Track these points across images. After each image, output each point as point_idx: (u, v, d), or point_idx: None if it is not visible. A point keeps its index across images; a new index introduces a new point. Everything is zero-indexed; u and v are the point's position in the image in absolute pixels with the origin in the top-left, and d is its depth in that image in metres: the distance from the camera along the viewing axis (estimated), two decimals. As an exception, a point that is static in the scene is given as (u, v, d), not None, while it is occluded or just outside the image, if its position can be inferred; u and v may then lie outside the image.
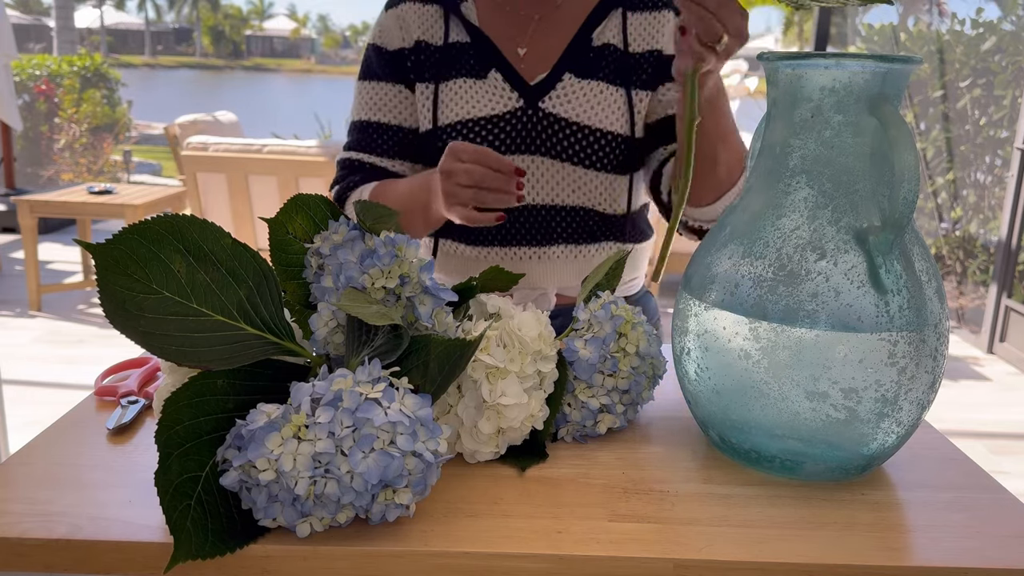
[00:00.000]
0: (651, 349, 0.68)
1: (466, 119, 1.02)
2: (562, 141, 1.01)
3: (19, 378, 2.84)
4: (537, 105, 1.01)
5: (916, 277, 0.58)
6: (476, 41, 1.04)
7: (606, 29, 1.04)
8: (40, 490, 0.56)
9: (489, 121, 1.02)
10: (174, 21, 58.24)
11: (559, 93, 1.02)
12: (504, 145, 1.01)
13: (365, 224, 0.62)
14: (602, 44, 1.04)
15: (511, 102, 1.02)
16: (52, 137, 7.05)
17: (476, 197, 0.86)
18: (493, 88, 1.02)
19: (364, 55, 1.12)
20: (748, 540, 0.53)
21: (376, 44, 1.09)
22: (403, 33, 1.06)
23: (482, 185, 0.85)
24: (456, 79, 1.03)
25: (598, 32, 1.04)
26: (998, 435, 2.74)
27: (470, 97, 1.02)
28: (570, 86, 1.02)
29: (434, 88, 1.04)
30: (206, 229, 0.55)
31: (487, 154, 0.85)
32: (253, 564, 0.51)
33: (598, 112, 1.01)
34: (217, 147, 3.70)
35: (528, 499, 0.58)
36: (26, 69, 7.15)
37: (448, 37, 1.05)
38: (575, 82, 1.02)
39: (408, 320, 0.61)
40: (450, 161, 0.87)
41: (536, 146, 1.02)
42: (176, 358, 0.54)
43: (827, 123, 0.59)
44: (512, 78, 1.03)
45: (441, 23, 1.06)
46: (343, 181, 1.08)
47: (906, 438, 0.62)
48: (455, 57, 1.04)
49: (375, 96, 1.08)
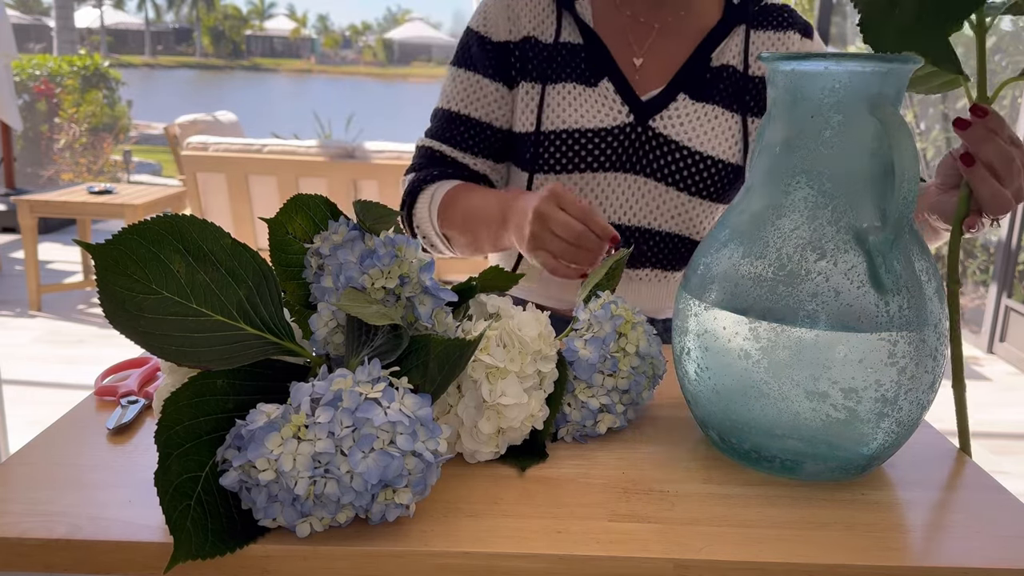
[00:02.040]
0: (651, 349, 0.68)
1: (572, 129, 0.96)
2: (669, 164, 0.96)
3: (19, 378, 2.84)
4: (647, 123, 0.96)
5: (916, 277, 0.58)
6: (589, 44, 0.98)
7: (727, 48, 0.98)
8: (40, 490, 0.56)
9: (596, 134, 0.96)
10: (174, 21, 58.24)
11: (672, 113, 0.96)
12: (608, 161, 0.96)
13: (365, 224, 0.62)
14: (721, 65, 0.98)
15: (620, 116, 0.96)
16: (52, 137, 7.05)
17: (564, 252, 0.80)
18: (603, 99, 0.96)
19: (463, 40, 1.03)
20: (748, 540, 0.53)
21: (479, 32, 1.00)
22: (511, 25, 0.99)
23: (577, 244, 0.80)
24: (565, 83, 0.97)
25: (718, 52, 0.98)
26: (998, 435, 2.74)
27: (579, 105, 0.96)
28: (684, 107, 0.96)
29: (540, 89, 0.97)
30: (206, 229, 0.55)
31: (594, 216, 0.79)
32: (253, 564, 0.51)
33: (711, 138, 0.95)
34: (217, 147, 3.70)
35: (528, 499, 0.58)
36: (26, 69, 7.15)
37: (559, 35, 0.98)
38: (689, 104, 0.96)
39: (408, 320, 0.61)
40: (551, 207, 0.80)
41: (641, 166, 0.96)
42: (176, 358, 0.54)
43: (827, 123, 0.59)
44: (624, 90, 0.96)
45: (553, 19, 0.99)
46: (420, 171, 1.02)
47: (906, 438, 0.62)
48: (566, 59, 0.98)
49: (469, 88, 1.00)
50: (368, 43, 66.03)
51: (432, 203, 0.98)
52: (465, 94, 1.01)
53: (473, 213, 0.93)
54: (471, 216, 0.93)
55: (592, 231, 0.79)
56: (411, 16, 71.93)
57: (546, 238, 0.80)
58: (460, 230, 0.97)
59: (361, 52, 64.91)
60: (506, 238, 0.88)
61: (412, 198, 1.01)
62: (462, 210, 0.94)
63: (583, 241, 0.79)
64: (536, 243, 0.82)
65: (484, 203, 0.93)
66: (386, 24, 75.39)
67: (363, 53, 64.63)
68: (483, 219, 0.92)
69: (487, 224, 0.91)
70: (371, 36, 68.19)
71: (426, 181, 1.00)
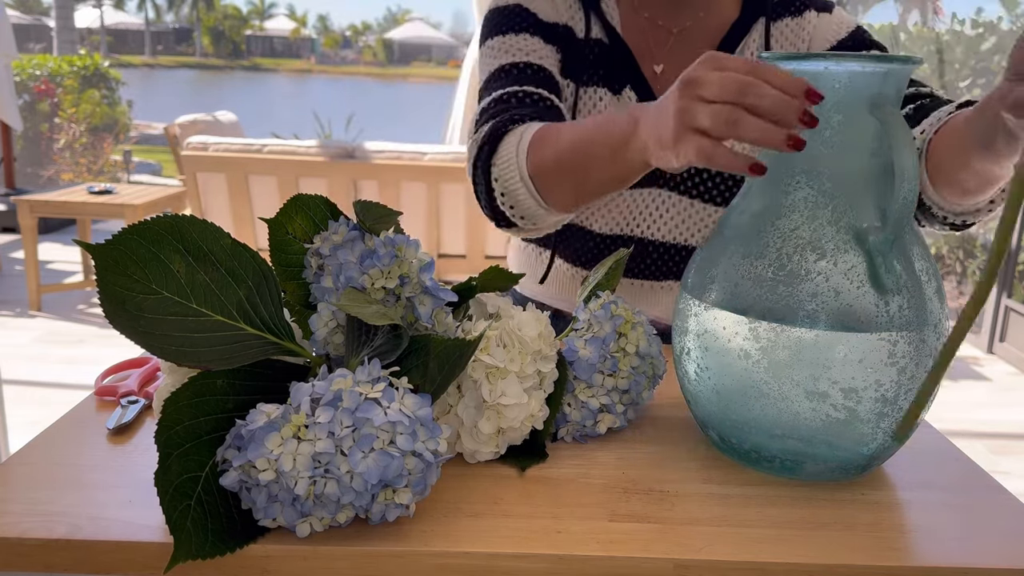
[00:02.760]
0: (651, 349, 0.68)
1: None
2: (692, 177, 0.91)
3: (19, 378, 2.84)
4: None
5: (916, 277, 0.58)
6: (615, 45, 0.93)
7: (747, 46, 0.93)
8: (40, 490, 0.56)
9: None
10: (174, 21, 58.25)
11: None
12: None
13: (365, 224, 0.62)
14: None
15: None
16: (52, 137, 7.05)
17: (730, 120, 0.56)
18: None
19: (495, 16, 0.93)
20: (748, 540, 0.53)
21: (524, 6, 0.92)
22: (553, 8, 0.93)
23: (744, 101, 0.55)
24: (596, 87, 0.92)
25: (739, 51, 0.93)
26: (998, 435, 2.74)
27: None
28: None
29: (575, 91, 0.92)
30: (206, 229, 0.55)
31: (764, 66, 0.57)
32: (253, 564, 0.51)
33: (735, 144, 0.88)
34: (217, 147, 3.70)
35: (528, 499, 0.58)
36: (26, 69, 7.15)
37: (590, 31, 0.93)
38: None
39: (408, 320, 0.61)
40: (702, 68, 0.58)
41: (664, 179, 0.92)
42: (176, 358, 0.54)
43: (827, 123, 0.59)
44: (647, 100, 0.91)
45: (581, 14, 0.93)
46: (498, 116, 0.84)
47: (906, 438, 0.62)
48: (598, 57, 0.92)
49: (528, 45, 0.90)
50: (368, 43, 66.03)
51: (521, 143, 0.80)
52: (524, 51, 0.90)
53: (584, 134, 0.73)
54: (582, 138, 0.73)
55: (768, 83, 0.56)
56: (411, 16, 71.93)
57: (698, 111, 0.57)
58: (562, 164, 0.76)
59: (361, 52, 64.91)
60: (635, 146, 0.67)
61: (494, 144, 0.82)
62: (568, 137, 0.75)
63: (752, 96, 0.55)
64: (685, 121, 0.58)
65: (600, 119, 0.73)
66: (386, 24, 75.39)
67: (363, 53, 64.63)
68: (600, 135, 0.71)
69: (606, 137, 0.70)
70: (371, 36, 68.19)
71: (512, 121, 0.82)
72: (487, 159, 0.82)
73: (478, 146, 0.83)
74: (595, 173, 0.73)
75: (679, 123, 0.59)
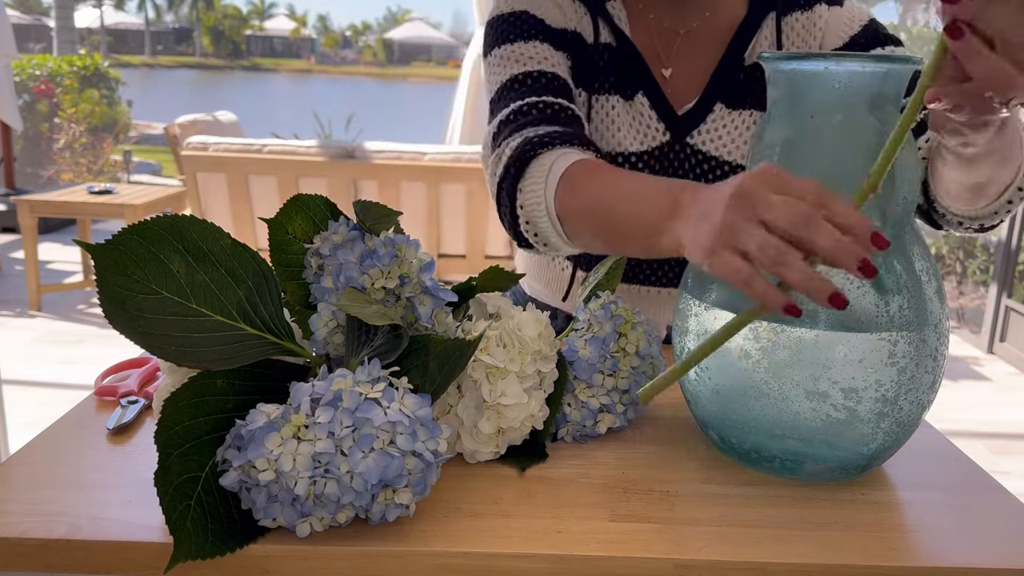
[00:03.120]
0: (651, 349, 0.68)
1: (616, 152, 0.88)
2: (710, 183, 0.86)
3: (19, 378, 2.84)
4: (685, 140, 0.88)
5: (916, 277, 0.58)
6: (624, 49, 0.90)
7: (758, 44, 0.90)
8: (40, 490, 0.56)
9: (639, 159, 0.88)
10: (174, 21, 58.26)
11: (709, 127, 0.88)
12: None
13: (365, 224, 0.62)
14: (755, 63, 0.90)
15: (658, 135, 0.89)
16: (52, 137, 7.05)
17: (778, 260, 0.49)
18: (640, 115, 0.89)
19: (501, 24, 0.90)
20: (748, 540, 0.53)
21: (531, 13, 0.89)
22: (561, 14, 0.90)
23: (800, 235, 0.49)
24: (608, 95, 0.89)
25: (750, 50, 0.90)
26: (998, 435, 2.74)
27: (621, 124, 0.89)
28: (721, 119, 0.89)
29: (587, 100, 0.89)
30: (205, 229, 0.55)
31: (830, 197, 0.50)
32: (253, 564, 0.51)
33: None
34: (217, 147, 3.70)
35: (528, 499, 0.58)
36: (26, 69, 7.15)
37: (598, 35, 0.90)
38: (726, 114, 0.89)
39: (408, 320, 0.61)
40: (763, 186, 0.51)
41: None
42: (176, 358, 0.54)
43: (827, 123, 0.59)
44: (659, 105, 0.89)
45: (589, 19, 0.91)
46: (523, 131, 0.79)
47: (906, 438, 0.62)
48: (608, 62, 0.90)
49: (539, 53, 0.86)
50: (368, 43, 66.04)
51: (550, 175, 0.75)
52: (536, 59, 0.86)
53: (619, 200, 0.67)
54: (616, 203, 0.67)
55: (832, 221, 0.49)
56: (411, 16, 71.91)
57: (747, 234, 0.50)
58: (592, 219, 0.72)
59: (361, 52, 64.92)
60: (669, 236, 0.61)
61: (520, 166, 0.76)
62: (602, 194, 0.70)
63: (811, 232, 0.48)
64: (729, 239, 0.51)
65: (640, 188, 0.66)
66: (386, 24, 75.40)
67: (363, 53, 64.64)
68: (636, 209, 0.65)
69: (640, 216, 0.64)
70: (371, 36, 68.20)
71: (547, 144, 0.75)
72: (513, 182, 0.77)
73: (504, 166, 0.78)
74: (623, 242, 0.69)
75: (721, 238, 0.52)
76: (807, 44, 0.90)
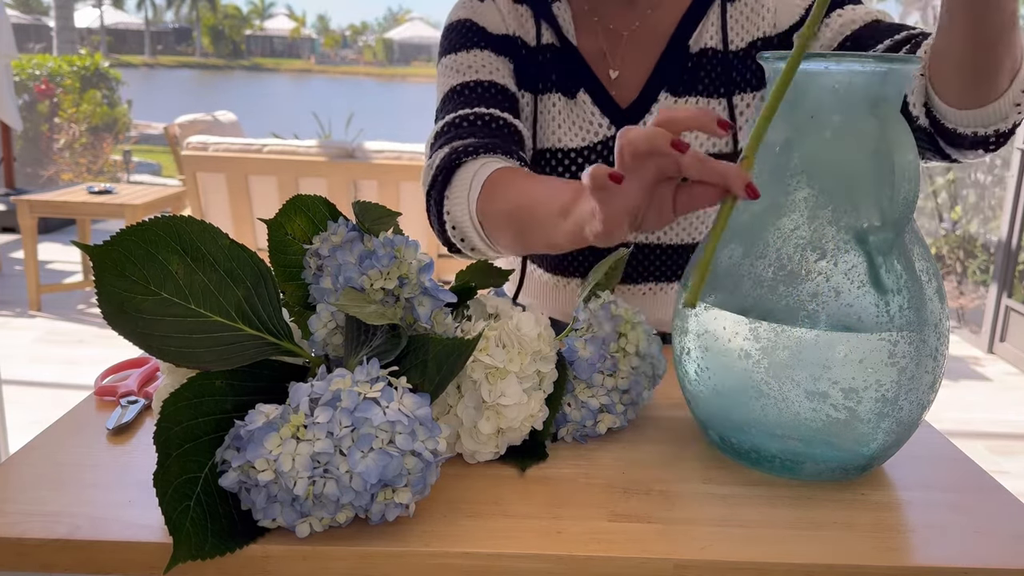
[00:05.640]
0: (651, 349, 0.68)
1: (556, 148, 0.91)
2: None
3: (19, 378, 2.84)
4: None
5: (916, 277, 0.58)
6: (566, 50, 0.92)
7: (704, 31, 0.90)
8: (40, 490, 0.56)
9: (579, 153, 0.90)
10: (174, 21, 58.26)
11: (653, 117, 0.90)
12: None
13: (364, 225, 0.62)
14: (700, 50, 0.90)
15: (602, 130, 0.90)
16: (52, 137, 7.05)
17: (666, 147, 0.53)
18: (582, 112, 0.91)
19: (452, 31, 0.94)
20: (748, 540, 0.53)
21: (473, 21, 0.92)
22: (503, 18, 0.93)
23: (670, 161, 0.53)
24: (551, 94, 0.92)
25: (695, 37, 0.90)
26: (998, 435, 2.74)
27: (562, 120, 0.91)
28: (666, 107, 0.89)
29: (533, 100, 0.92)
30: (204, 230, 0.55)
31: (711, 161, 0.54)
32: (253, 564, 0.51)
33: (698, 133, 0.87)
34: (217, 147, 3.70)
35: (528, 499, 0.58)
36: (26, 69, 7.15)
37: (540, 38, 0.92)
38: (671, 102, 0.90)
39: (407, 321, 0.61)
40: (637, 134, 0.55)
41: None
42: (174, 359, 0.54)
43: (827, 123, 0.59)
44: (602, 101, 0.91)
45: (532, 22, 0.93)
46: (452, 143, 0.84)
47: (906, 438, 0.62)
48: (549, 63, 0.92)
49: (477, 62, 0.90)
50: (368, 43, 66.05)
51: (473, 182, 0.79)
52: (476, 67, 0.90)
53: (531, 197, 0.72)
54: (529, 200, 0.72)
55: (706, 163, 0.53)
56: (411, 16, 71.93)
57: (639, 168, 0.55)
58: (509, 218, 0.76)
59: (361, 52, 64.92)
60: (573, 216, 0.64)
61: (447, 174, 0.82)
62: (516, 192, 0.74)
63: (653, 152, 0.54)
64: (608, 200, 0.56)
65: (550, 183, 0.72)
66: (386, 24, 75.41)
67: (363, 53, 64.64)
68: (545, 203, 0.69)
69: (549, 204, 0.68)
70: (371, 36, 68.21)
71: (469, 153, 0.80)
72: (440, 190, 0.83)
73: (432, 174, 0.84)
74: (535, 235, 0.72)
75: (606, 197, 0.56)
76: (757, 28, 0.89)
